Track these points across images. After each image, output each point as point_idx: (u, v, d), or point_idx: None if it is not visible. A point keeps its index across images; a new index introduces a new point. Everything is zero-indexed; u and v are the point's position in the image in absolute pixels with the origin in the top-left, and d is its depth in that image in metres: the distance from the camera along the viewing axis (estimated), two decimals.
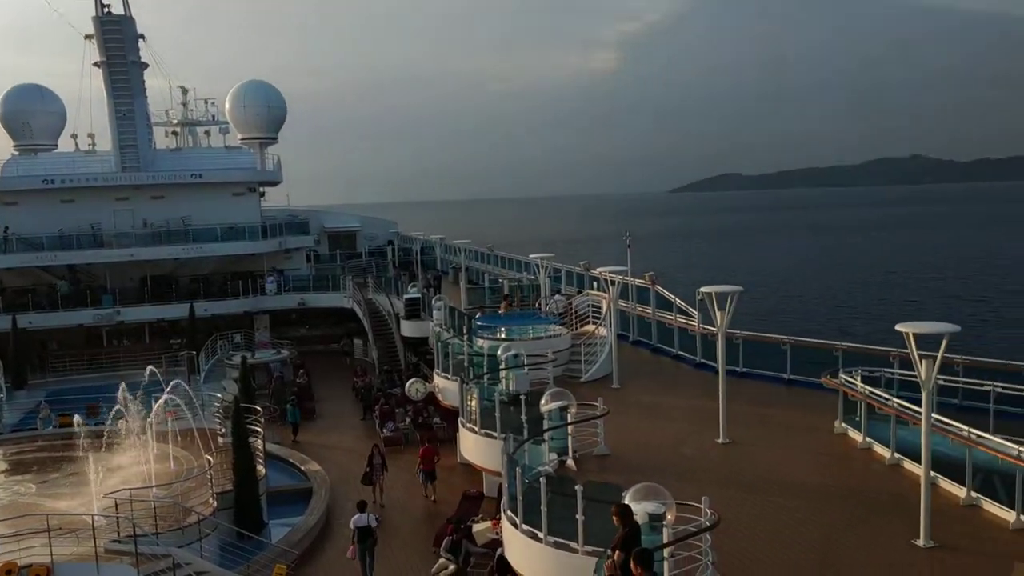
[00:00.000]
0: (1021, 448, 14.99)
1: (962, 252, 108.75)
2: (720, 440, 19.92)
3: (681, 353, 29.19)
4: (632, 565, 9.57)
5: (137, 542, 18.46)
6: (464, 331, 28.78)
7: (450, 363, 26.46)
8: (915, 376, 13.98)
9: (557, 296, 35.23)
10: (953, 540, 14.12)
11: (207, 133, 58.37)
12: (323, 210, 69.41)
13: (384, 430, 31.09)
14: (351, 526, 20.13)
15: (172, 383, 27.14)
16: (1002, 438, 16.89)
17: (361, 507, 20.55)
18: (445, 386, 26.71)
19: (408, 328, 37.98)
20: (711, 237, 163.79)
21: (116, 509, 19.55)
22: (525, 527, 14.18)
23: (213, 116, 57.83)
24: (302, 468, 27.93)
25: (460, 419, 22.53)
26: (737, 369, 25.66)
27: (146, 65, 50.39)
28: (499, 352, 23.95)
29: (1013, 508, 14.66)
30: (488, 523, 19.79)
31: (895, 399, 18.42)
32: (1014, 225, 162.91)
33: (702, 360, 27.64)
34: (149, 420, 25.54)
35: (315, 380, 40.61)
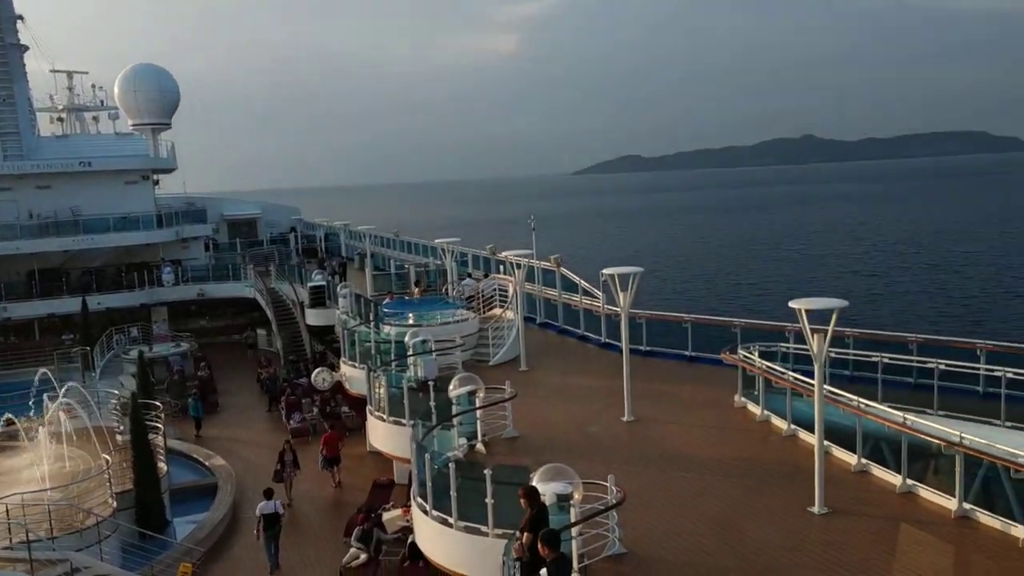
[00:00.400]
0: (906, 415, 15.83)
1: (853, 228, 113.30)
2: (625, 418, 20.34)
3: (587, 334, 29.63)
4: (539, 546, 9.71)
5: (31, 547, 17.72)
6: (371, 318, 28.53)
7: (357, 351, 26.21)
8: (809, 350, 14.58)
9: (468, 280, 35.24)
10: (845, 505, 14.80)
11: (95, 119, 55.94)
12: (222, 197, 67.54)
13: (291, 421, 30.60)
14: (257, 513, 19.99)
15: (66, 386, 26.01)
16: (889, 406, 17.80)
17: (268, 494, 20.38)
18: (352, 374, 26.45)
19: (313, 316, 37.41)
20: (614, 218, 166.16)
21: (7, 514, 18.70)
22: (435, 513, 14.22)
23: (102, 101, 55.46)
24: (206, 463, 27.27)
25: (368, 407, 22.37)
26: (641, 348, 26.24)
27: (26, 47, 47.89)
28: (407, 338, 23.85)
29: (899, 472, 15.46)
30: (399, 511, 19.76)
31: (790, 373, 19.15)
32: (899, 201, 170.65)
33: (607, 340, 28.12)
34: (42, 421, 24.48)
35: (218, 372, 39.62)
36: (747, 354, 20.76)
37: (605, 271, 20.78)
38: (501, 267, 34.01)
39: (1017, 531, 13.26)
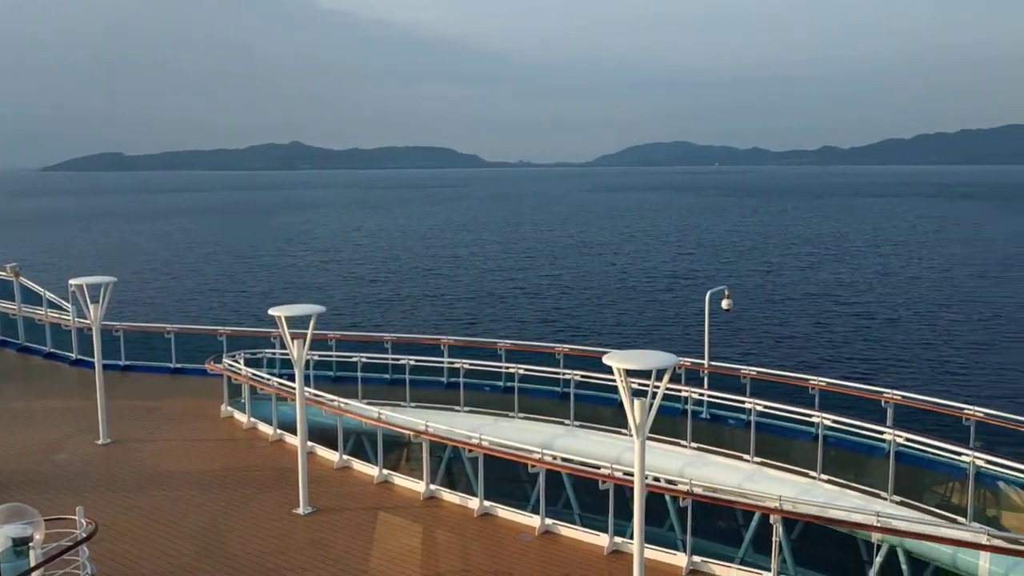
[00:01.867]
0: (381, 410, 17.09)
1: (344, 234, 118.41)
2: (101, 441, 18.79)
3: (55, 351, 26.73)
4: None
5: None
6: None
7: None
8: (290, 355, 14.96)
9: None
10: (329, 502, 15.49)
11: None
12: None
13: None
14: None
15: None
16: (367, 403, 19.08)
17: None
18: None
19: None
20: (89, 220, 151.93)
21: None
22: None
23: None
24: None
25: None
26: (119, 363, 24.57)
27: None
28: None
29: (376, 464, 16.64)
30: None
31: (275, 378, 19.43)
32: (383, 209, 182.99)
33: (79, 356, 25.69)
34: None
35: None
36: (232, 362, 20.59)
37: (73, 281, 19.05)
38: None
39: (472, 503, 15.15)
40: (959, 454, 14.96)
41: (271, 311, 14.67)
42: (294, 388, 15.80)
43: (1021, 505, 14.61)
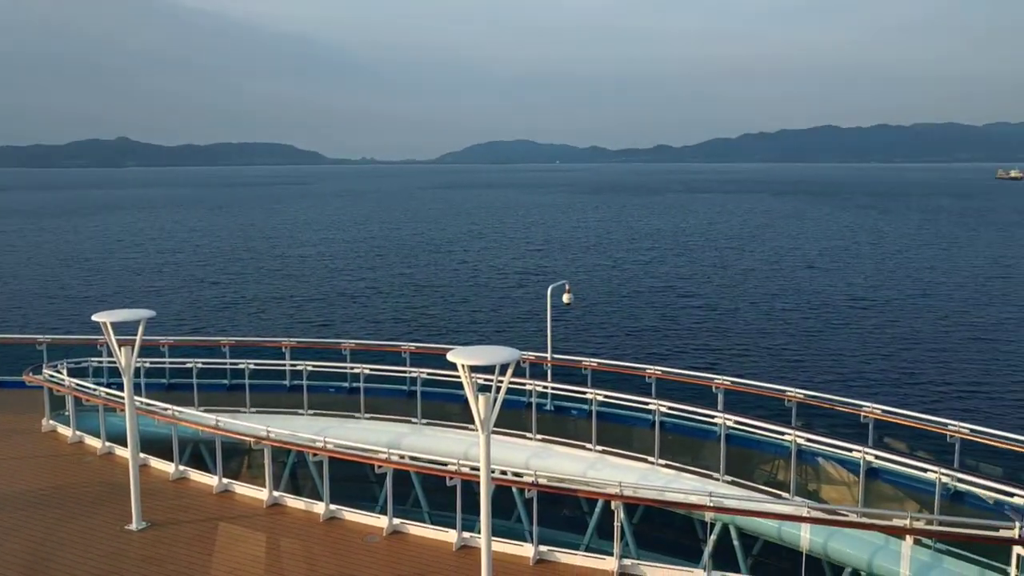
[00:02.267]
0: (219, 417, 16.44)
1: (178, 234, 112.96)
2: None
3: None
4: None
5: None
6: None
7: None
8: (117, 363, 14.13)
9: None
10: (165, 515, 14.75)
11: None
12: None
13: None
14: None
15: None
16: (205, 410, 18.33)
17: None
18: None
19: None
20: None
21: None
22: None
23: None
24: None
25: None
26: None
27: None
28: None
29: (216, 474, 15.98)
30: None
31: (103, 388, 18.35)
32: (224, 208, 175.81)
33: None
34: None
35: None
36: (54, 373, 19.28)
37: None
38: None
39: (318, 508, 14.82)
40: (782, 434, 15.95)
41: (95, 316, 13.80)
42: (123, 398, 14.95)
43: (838, 478, 15.74)
